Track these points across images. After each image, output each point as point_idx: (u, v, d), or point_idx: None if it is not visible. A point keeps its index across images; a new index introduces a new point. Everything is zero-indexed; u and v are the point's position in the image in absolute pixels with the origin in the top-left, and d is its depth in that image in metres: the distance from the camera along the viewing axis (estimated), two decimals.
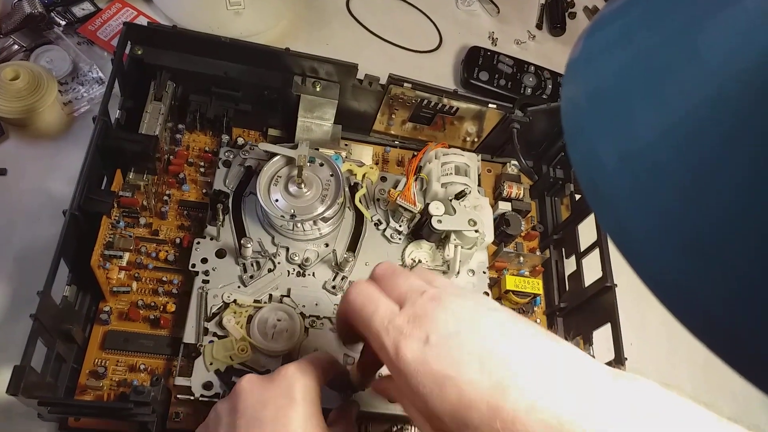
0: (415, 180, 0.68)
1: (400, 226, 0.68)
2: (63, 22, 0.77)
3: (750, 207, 0.19)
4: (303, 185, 0.62)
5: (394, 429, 0.62)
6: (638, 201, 0.22)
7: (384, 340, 0.39)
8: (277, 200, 0.62)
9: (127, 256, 0.63)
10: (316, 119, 0.71)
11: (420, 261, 0.66)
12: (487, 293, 0.66)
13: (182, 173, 0.69)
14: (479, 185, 0.71)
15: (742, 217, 0.19)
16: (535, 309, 0.73)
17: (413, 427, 0.62)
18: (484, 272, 0.68)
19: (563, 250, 0.75)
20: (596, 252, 0.68)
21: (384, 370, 0.48)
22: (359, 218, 0.67)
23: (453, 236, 0.64)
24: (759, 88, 0.19)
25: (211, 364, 0.56)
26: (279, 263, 0.63)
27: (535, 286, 0.70)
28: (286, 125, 0.74)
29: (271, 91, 0.70)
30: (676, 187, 0.21)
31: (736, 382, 0.30)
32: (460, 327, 0.36)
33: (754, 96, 0.19)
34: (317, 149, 0.67)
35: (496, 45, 0.96)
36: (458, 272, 0.66)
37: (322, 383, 0.45)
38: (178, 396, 0.57)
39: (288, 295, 0.61)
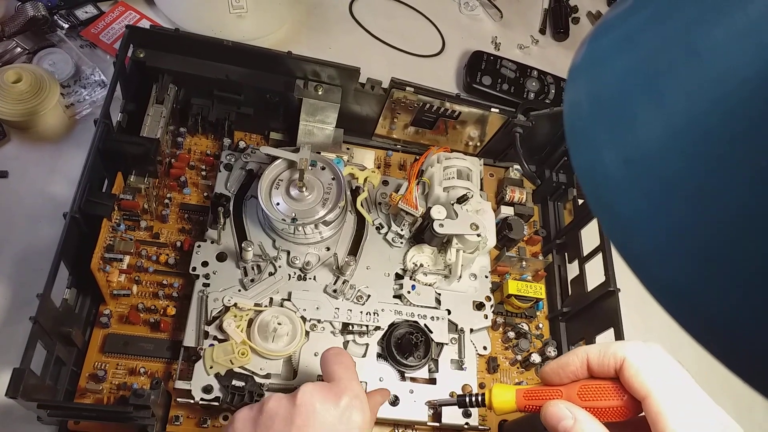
0: (417, 184, 0.67)
1: (402, 230, 0.67)
2: (66, 25, 0.77)
3: (759, 213, 0.19)
4: (304, 189, 0.62)
5: None
6: (642, 208, 0.22)
7: None
8: (278, 204, 0.62)
9: (127, 259, 0.62)
10: (318, 123, 0.71)
11: (422, 265, 0.65)
12: (489, 297, 0.66)
13: (183, 176, 0.69)
14: (481, 189, 0.70)
15: (750, 224, 0.19)
16: (538, 314, 0.73)
17: None
18: (486, 276, 0.68)
19: (566, 254, 0.75)
20: (599, 257, 0.68)
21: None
22: (361, 222, 0.67)
23: (455, 240, 0.64)
24: (764, 95, 0.18)
25: (211, 367, 0.56)
26: (280, 267, 0.63)
27: (537, 290, 0.70)
28: (288, 129, 0.73)
29: (273, 94, 0.69)
30: (681, 194, 0.21)
31: (738, 387, 0.29)
32: None
33: (759, 104, 0.18)
34: (319, 153, 0.67)
35: (499, 49, 0.96)
36: (460, 276, 0.65)
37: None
38: (178, 399, 0.57)
39: (289, 299, 0.61)
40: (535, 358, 0.67)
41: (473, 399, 0.50)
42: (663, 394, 0.39)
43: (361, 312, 0.62)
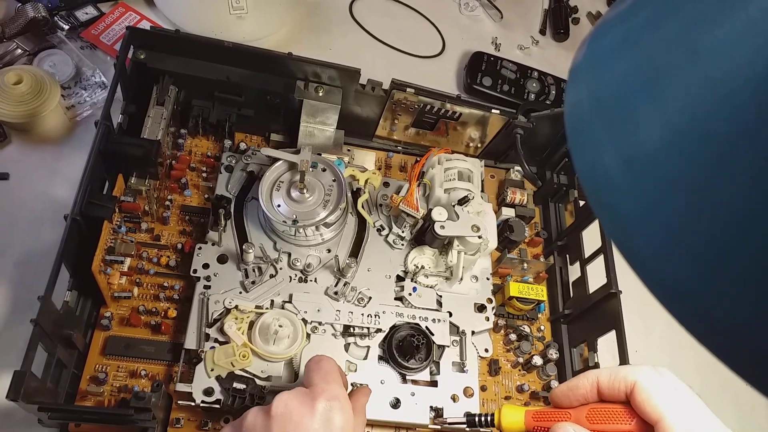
0: (418, 185, 0.67)
1: (403, 231, 0.67)
2: (66, 27, 0.77)
3: (759, 213, 0.19)
4: (305, 190, 0.62)
5: None
6: (643, 208, 0.22)
7: None
8: (279, 205, 0.62)
9: (128, 261, 0.62)
10: (319, 124, 0.71)
11: (422, 267, 0.65)
12: (490, 299, 0.66)
13: (184, 178, 0.69)
14: (482, 191, 0.70)
15: (750, 224, 0.19)
16: (539, 316, 0.73)
17: None
18: (488, 278, 0.68)
19: (567, 256, 0.75)
20: (601, 258, 0.68)
21: None
22: (362, 224, 0.67)
23: (456, 242, 0.64)
24: (765, 95, 0.18)
25: (212, 370, 0.56)
26: (281, 269, 0.63)
27: (539, 292, 0.70)
28: (289, 130, 0.73)
29: (274, 95, 0.69)
30: (682, 193, 0.21)
31: (740, 387, 0.29)
32: None
33: (760, 104, 0.18)
34: (320, 154, 0.67)
35: (499, 50, 0.96)
36: (461, 278, 0.65)
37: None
38: (179, 402, 0.57)
39: (290, 301, 0.61)
40: (537, 360, 0.67)
41: (482, 419, 0.50)
42: (676, 417, 0.39)
43: (362, 314, 0.62)
